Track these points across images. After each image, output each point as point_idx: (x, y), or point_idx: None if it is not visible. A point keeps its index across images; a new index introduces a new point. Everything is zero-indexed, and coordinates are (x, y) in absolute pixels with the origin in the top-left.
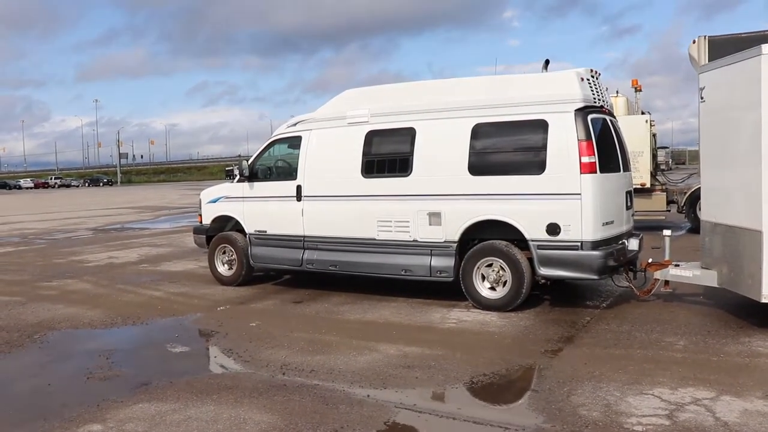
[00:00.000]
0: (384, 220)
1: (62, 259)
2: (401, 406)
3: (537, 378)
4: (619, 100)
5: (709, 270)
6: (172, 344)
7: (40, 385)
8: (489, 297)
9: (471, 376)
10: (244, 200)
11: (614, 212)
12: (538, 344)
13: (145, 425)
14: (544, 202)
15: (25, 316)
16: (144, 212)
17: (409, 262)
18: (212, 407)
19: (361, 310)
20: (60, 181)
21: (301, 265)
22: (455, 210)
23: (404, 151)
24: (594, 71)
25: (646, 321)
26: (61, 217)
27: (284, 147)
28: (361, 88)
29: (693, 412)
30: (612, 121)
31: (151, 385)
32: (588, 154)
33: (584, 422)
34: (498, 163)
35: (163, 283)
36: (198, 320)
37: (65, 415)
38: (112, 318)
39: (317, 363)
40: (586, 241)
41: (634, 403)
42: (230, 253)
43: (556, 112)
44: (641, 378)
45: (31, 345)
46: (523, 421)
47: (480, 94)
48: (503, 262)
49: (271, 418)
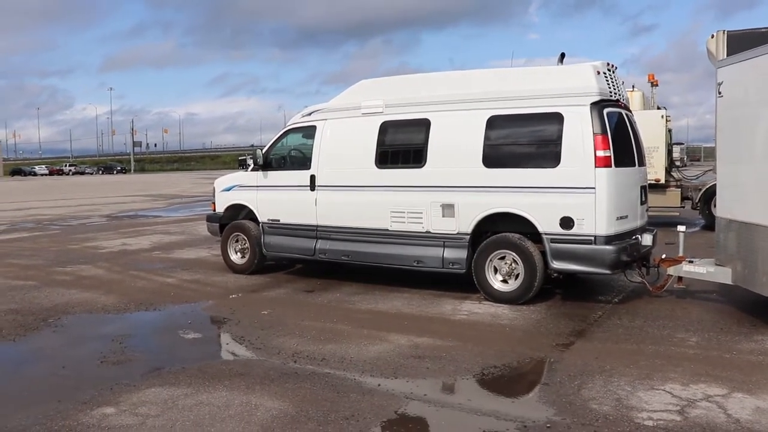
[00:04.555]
0: (397, 211)
1: (76, 245)
2: (412, 396)
3: (548, 371)
4: (635, 94)
5: (723, 267)
6: (185, 330)
7: (55, 368)
8: (501, 290)
9: (482, 368)
10: (258, 189)
11: (628, 207)
12: (549, 337)
13: (158, 409)
14: (558, 195)
15: (39, 300)
16: (157, 200)
17: (422, 254)
18: (224, 393)
19: (373, 300)
20: (74, 169)
21: (313, 255)
22: (469, 202)
23: (418, 142)
24: (610, 65)
25: (659, 317)
26: (75, 203)
27: (298, 136)
28: (376, 79)
29: (704, 409)
30: (628, 116)
31: (163, 369)
32: (603, 148)
33: (595, 416)
34: (512, 156)
35: (176, 270)
36: (210, 307)
37: (79, 397)
38: (125, 303)
39: (328, 351)
40: (599, 235)
41: (645, 398)
42: (243, 241)
43: (571, 105)
44: (653, 373)
45: (45, 328)
46: (534, 413)
47: (495, 86)
48: (516, 255)
49: (282, 404)
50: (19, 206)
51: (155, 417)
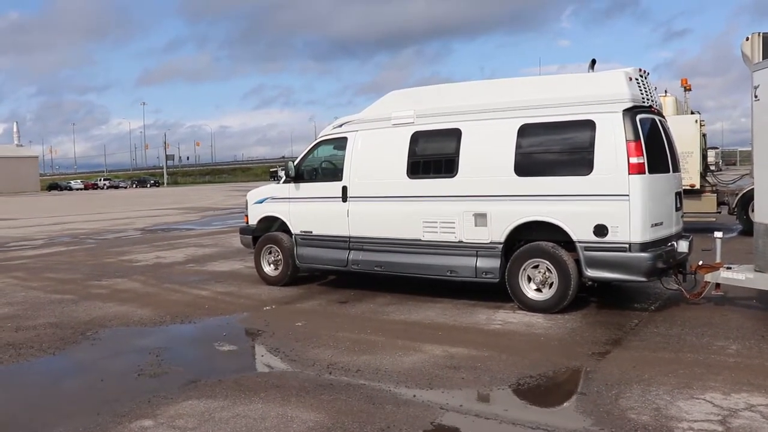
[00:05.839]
0: (429, 221)
1: (112, 258)
2: (447, 407)
3: (584, 380)
4: (667, 99)
5: (763, 273)
6: (220, 343)
7: (93, 381)
8: (535, 299)
9: (517, 378)
10: (290, 201)
11: (663, 213)
12: (584, 346)
13: (195, 421)
14: (591, 203)
15: (77, 314)
16: (190, 213)
17: (455, 263)
18: (260, 405)
19: (406, 311)
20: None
21: (346, 266)
22: (501, 211)
23: (450, 151)
24: (642, 71)
25: (697, 324)
26: (110, 217)
27: (330, 148)
28: (406, 90)
29: (747, 419)
30: (661, 121)
31: (200, 382)
32: (636, 155)
33: (633, 426)
34: (544, 164)
35: (210, 282)
36: (245, 319)
37: (117, 410)
38: (161, 316)
39: (363, 363)
40: (634, 242)
41: (685, 408)
42: (276, 253)
43: (604, 112)
44: (692, 382)
45: (83, 341)
46: (571, 424)
47: (526, 95)
48: (549, 264)
49: (318, 416)
50: (56, 220)
51: (192, 429)
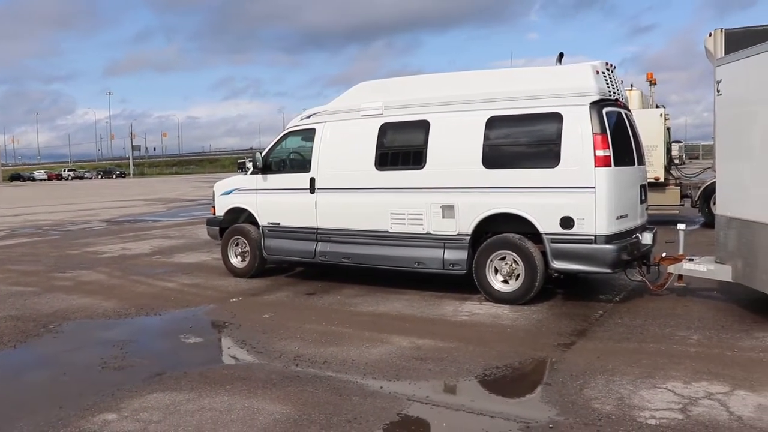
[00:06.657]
0: (397, 213)
1: (76, 250)
2: (414, 398)
3: (550, 371)
4: (633, 93)
5: (723, 265)
6: (186, 335)
7: (56, 374)
8: (502, 290)
9: (484, 369)
10: (258, 192)
11: (628, 206)
12: (550, 337)
13: (160, 414)
14: (557, 195)
15: (39, 307)
16: (157, 204)
17: (422, 255)
18: (226, 397)
19: (374, 303)
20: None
21: (314, 258)
22: (469, 203)
23: (418, 143)
24: (609, 64)
25: (660, 315)
26: (75, 209)
27: (298, 139)
28: (375, 81)
29: (707, 407)
30: (627, 115)
31: (165, 375)
32: (603, 148)
33: (597, 416)
34: (512, 156)
35: (176, 274)
36: (211, 311)
37: (81, 403)
38: (126, 309)
39: (330, 354)
40: (599, 234)
41: (648, 397)
42: (243, 245)
43: (570, 105)
44: (654, 372)
45: (45, 335)
46: (536, 414)
47: (494, 87)
48: (516, 256)
49: (284, 408)
50: (19, 212)
51: (157, 422)
